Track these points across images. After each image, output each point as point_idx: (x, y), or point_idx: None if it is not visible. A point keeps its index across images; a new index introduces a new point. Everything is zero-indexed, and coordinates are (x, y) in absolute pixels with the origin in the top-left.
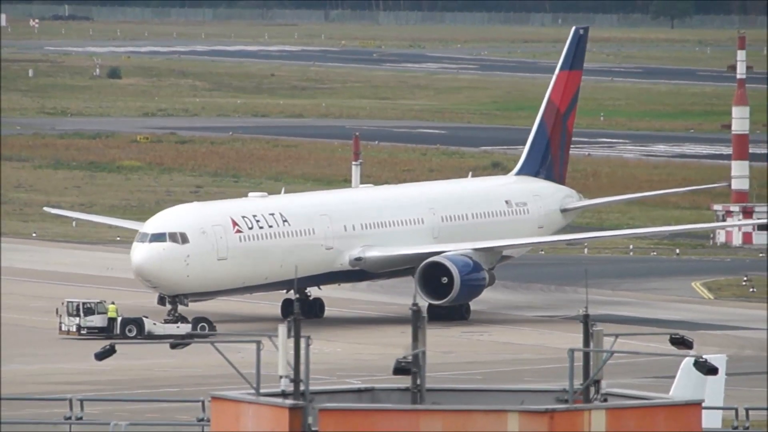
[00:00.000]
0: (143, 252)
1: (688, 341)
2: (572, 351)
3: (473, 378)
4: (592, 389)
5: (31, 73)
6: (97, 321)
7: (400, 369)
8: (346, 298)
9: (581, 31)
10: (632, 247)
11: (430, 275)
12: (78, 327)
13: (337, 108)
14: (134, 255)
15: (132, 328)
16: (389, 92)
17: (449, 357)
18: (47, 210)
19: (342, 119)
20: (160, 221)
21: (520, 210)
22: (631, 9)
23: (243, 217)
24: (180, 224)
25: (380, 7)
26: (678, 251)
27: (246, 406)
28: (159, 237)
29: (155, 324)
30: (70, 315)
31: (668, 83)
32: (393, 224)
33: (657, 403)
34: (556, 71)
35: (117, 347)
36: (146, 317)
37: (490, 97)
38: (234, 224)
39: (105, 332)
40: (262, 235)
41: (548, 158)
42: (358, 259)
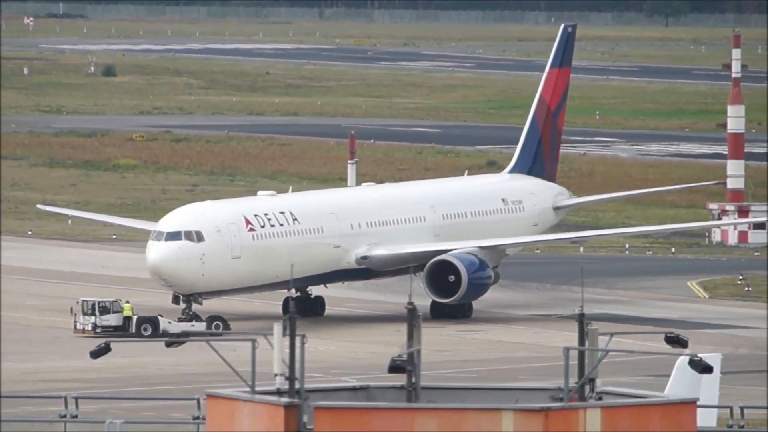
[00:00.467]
0: (159, 250)
1: (683, 340)
2: (567, 349)
3: (468, 376)
4: (587, 388)
5: (26, 71)
6: (113, 320)
7: (396, 367)
8: (341, 297)
9: (570, 29)
10: (628, 246)
11: (437, 273)
12: (94, 326)
13: (332, 106)
14: (150, 253)
15: (147, 327)
16: (384, 91)
17: (444, 355)
18: (40, 207)
19: (337, 118)
20: (175, 220)
21: (516, 208)
22: (626, 7)
23: (255, 216)
24: (195, 223)
25: (375, 6)
26: (674, 250)
27: (241, 404)
28: (175, 235)
29: (170, 323)
30: (85, 314)
31: (663, 82)
32: (396, 222)
33: (652, 402)
34: (546, 69)
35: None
36: (161, 316)
37: (485, 96)
38: (247, 223)
39: (120, 331)
40: (274, 234)
41: (540, 156)
42: (365, 258)
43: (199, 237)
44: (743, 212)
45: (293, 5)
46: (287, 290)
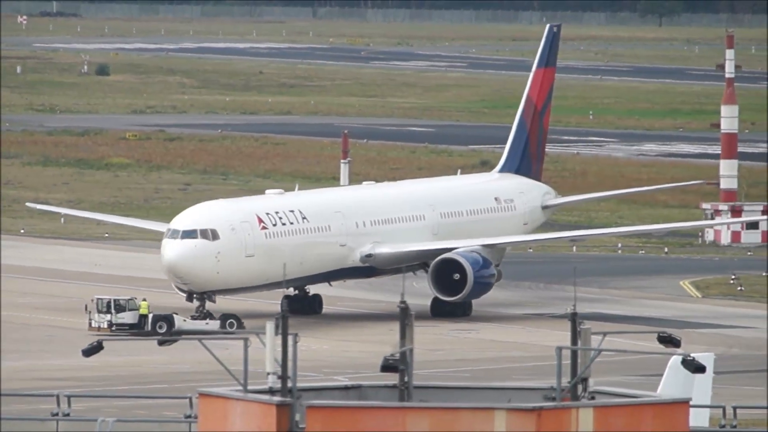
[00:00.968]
0: (175, 249)
1: (676, 339)
2: (560, 349)
3: (461, 376)
4: (580, 387)
5: (19, 70)
6: (128, 318)
7: (388, 366)
8: (334, 296)
9: (555, 29)
10: (620, 246)
11: (442, 272)
12: (110, 323)
13: (326, 106)
14: (166, 252)
15: (162, 325)
16: (377, 90)
17: (437, 354)
18: (30, 206)
19: (330, 117)
20: (190, 218)
21: (509, 207)
22: (619, 7)
23: (267, 214)
24: (210, 221)
25: (368, 5)
26: (666, 250)
27: (233, 403)
28: (190, 234)
29: (185, 321)
30: (100, 312)
31: (657, 82)
32: (398, 221)
33: (644, 402)
34: (533, 69)
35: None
36: (176, 314)
37: (479, 95)
38: (260, 221)
39: (136, 329)
40: (285, 232)
41: (527, 155)
42: (369, 256)
43: (215, 235)
44: (736, 212)
45: (287, 4)
46: (284, 288)
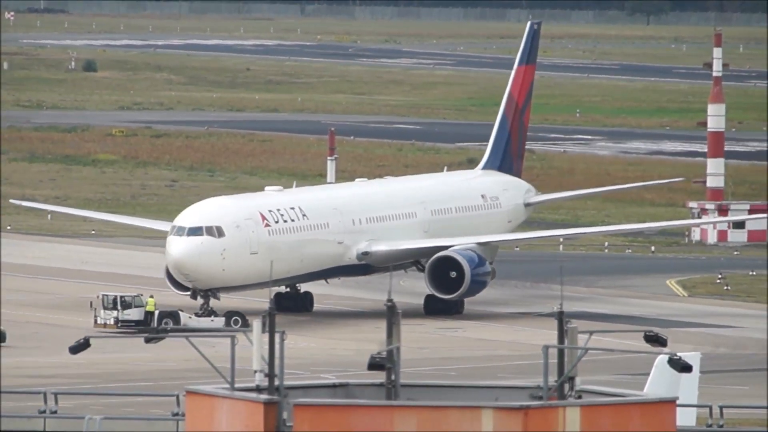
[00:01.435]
0: (181, 246)
1: (663, 339)
2: (547, 348)
3: (447, 374)
4: (567, 386)
5: (6, 66)
6: (134, 314)
7: (375, 365)
8: (320, 293)
9: (535, 26)
10: (607, 244)
11: (438, 270)
12: (116, 320)
13: (313, 103)
14: (171, 249)
15: (168, 322)
16: (365, 87)
17: (424, 353)
18: (15, 203)
19: (317, 114)
20: (194, 215)
21: (495, 204)
22: (607, 5)
23: (269, 211)
24: (215, 218)
25: (356, 3)
26: (653, 249)
27: (220, 401)
28: (196, 231)
29: (191, 317)
30: (106, 308)
31: (644, 80)
32: (391, 218)
33: (631, 401)
34: (515, 66)
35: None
36: (182, 311)
37: (466, 93)
38: (263, 218)
39: (141, 325)
40: (287, 230)
41: (509, 153)
42: (365, 254)
43: (220, 232)
44: (723, 211)
45: (275, 1)
46: (270, 288)
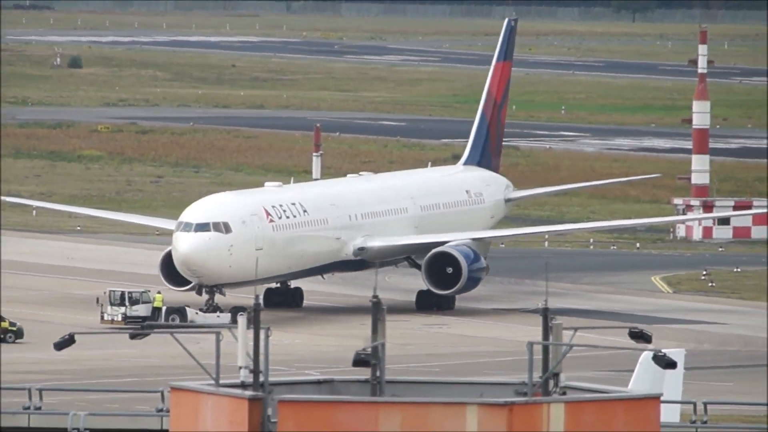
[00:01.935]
0: (188, 241)
1: (647, 335)
2: (531, 344)
3: (432, 370)
4: (551, 382)
5: None
6: (142, 310)
7: (360, 361)
8: (305, 290)
9: (512, 23)
10: (592, 241)
11: (435, 265)
12: (124, 316)
13: (298, 99)
14: (179, 244)
15: (175, 317)
16: (350, 84)
17: (408, 349)
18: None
19: (303, 110)
20: (201, 211)
21: (479, 200)
22: (593, 3)
23: (273, 207)
24: (222, 214)
25: None
26: (638, 245)
27: (205, 397)
28: (204, 227)
29: (197, 313)
30: (113, 304)
31: (629, 77)
32: (384, 214)
33: (616, 397)
34: (493, 63)
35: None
36: (188, 306)
37: (451, 90)
38: (267, 214)
39: (149, 321)
40: (289, 225)
41: (487, 148)
42: (362, 249)
43: (227, 228)
44: (708, 207)
45: None
46: (255, 286)
